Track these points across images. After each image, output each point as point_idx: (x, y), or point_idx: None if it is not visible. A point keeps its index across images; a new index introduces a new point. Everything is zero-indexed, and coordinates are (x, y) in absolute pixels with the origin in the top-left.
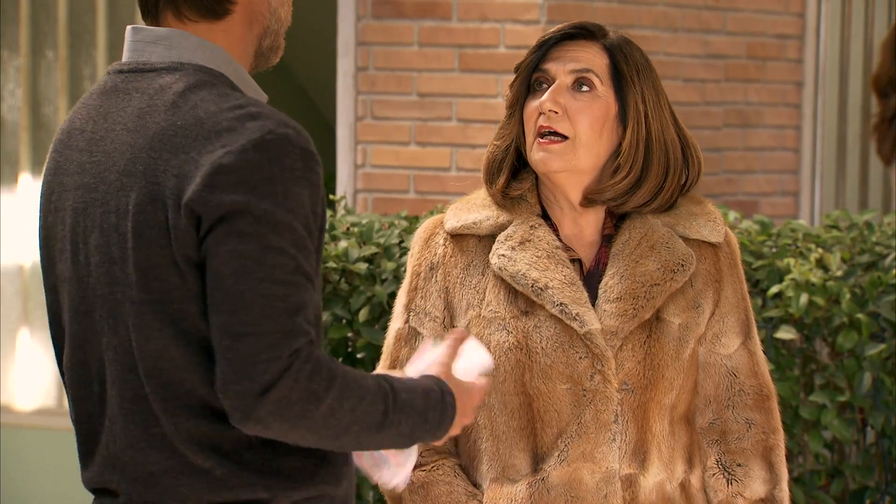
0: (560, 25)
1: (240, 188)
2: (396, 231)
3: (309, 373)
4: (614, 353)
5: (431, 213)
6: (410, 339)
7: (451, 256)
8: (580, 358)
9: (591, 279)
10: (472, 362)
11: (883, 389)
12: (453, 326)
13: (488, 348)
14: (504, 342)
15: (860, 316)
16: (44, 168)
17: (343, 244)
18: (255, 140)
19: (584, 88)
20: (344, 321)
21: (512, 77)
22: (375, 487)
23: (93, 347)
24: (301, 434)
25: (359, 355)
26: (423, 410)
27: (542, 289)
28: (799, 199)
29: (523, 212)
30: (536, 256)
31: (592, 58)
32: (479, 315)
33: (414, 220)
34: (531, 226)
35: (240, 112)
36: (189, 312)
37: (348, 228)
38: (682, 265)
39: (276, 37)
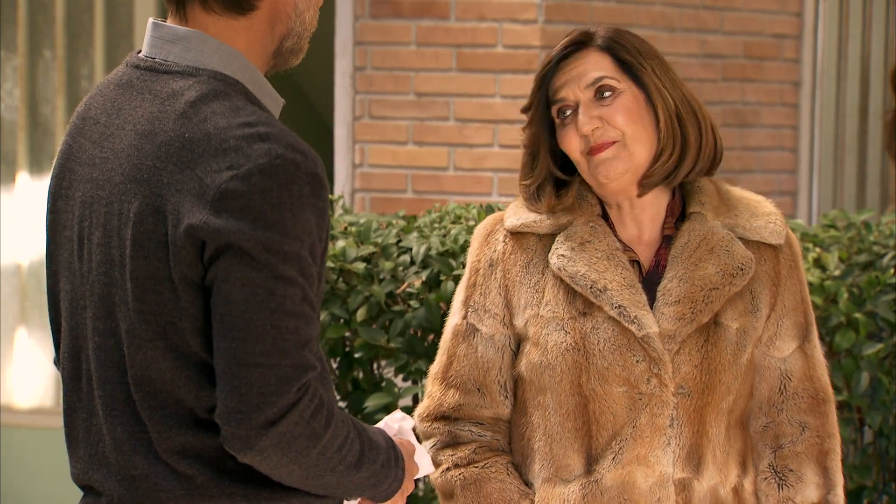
0: (550, 53)
1: (247, 215)
2: (394, 231)
3: (313, 411)
4: (671, 356)
5: (429, 213)
6: (469, 335)
7: (510, 254)
8: (637, 361)
9: (649, 281)
10: (421, 460)
11: (880, 389)
12: (512, 324)
13: (545, 348)
14: (562, 342)
15: (858, 315)
16: (58, 148)
17: (341, 244)
18: (263, 165)
19: (607, 94)
20: (341, 320)
21: (511, 77)
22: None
23: (84, 343)
24: (291, 471)
25: (356, 355)
26: (387, 449)
27: (600, 290)
28: (796, 199)
29: (584, 211)
30: (596, 258)
31: (595, 64)
32: (538, 314)
33: (412, 220)
34: (591, 226)
35: (249, 131)
36: (180, 328)
37: (346, 228)
38: (742, 269)
39: (300, 39)
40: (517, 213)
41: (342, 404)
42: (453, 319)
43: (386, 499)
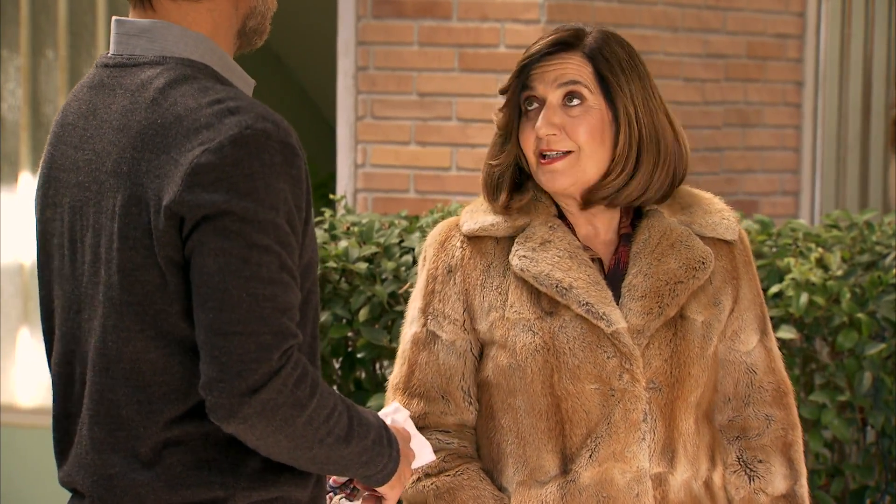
0: (539, 42)
1: (220, 187)
2: (396, 231)
3: (296, 379)
4: (641, 351)
5: (431, 213)
6: (429, 342)
7: (469, 259)
8: (608, 357)
9: (611, 278)
10: (421, 449)
11: (883, 389)
12: (474, 329)
13: (514, 350)
14: (531, 343)
15: (860, 315)
16: (41, 159)
17: (343, 244)
18: (233, 136)
19: (576, 102)
20: (344, 321)
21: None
22: None
23: (79, 347)
24: (277, 440)
25: (359, 355)
26: (378, 427)
27: (566, 289)
28: (799, 199)
29: (540, 213)
30: (558, 257)
31: (577, 69)
32: (503, 317)
33: (414, 220)
34: (550, 226)
35: (218, 107)
36: (170, 313)
37: (348, 228)
38: (703, 262)
39: (263, 19)
40: (473, 218)
41: None
42: (412, 328)
43: (383, 481)
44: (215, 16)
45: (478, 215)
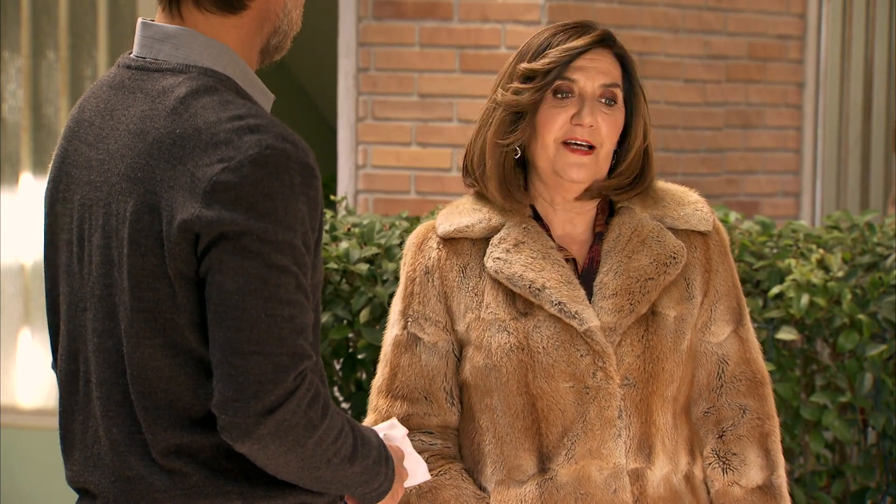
0: (579, 37)
1: (239, 206)
2: (397, 232)
3: (310, 400)
4: (614, 348)
5: (433, 214)
6: (411, 344)
7: (445, 260)
8: (581, 356)
9: (586, 277)
10: (416, 468)
11: (884, 390)
12: (454, 330)
13: (489, 351)
14: (505, 343)
15: (861, 317)
16: (55, 152)
17: (344, 245)
18: (253, 155)
19: (612, 104)
20: (345, 322)
21: None
22: None
23: (83, 345)
24: (287, 461)
25: (359, 356)
26: (378, 446)
27: (539, 289)
28: (800, 200)
29: (516, 213)
30: (531, 258)
31: (612, 69)
32: (479, 318)
33: (415, 221)
34: (524, 227)
35: (238, 124)
36: (178, 323)
37: (349, 229)
38: (674, 258)
39: (285, 38)
40: (449, 220)
41: (345, 406)
42: (393, 331)
43: (377, 500)
44: (241, 33)
45: (453, 217)
